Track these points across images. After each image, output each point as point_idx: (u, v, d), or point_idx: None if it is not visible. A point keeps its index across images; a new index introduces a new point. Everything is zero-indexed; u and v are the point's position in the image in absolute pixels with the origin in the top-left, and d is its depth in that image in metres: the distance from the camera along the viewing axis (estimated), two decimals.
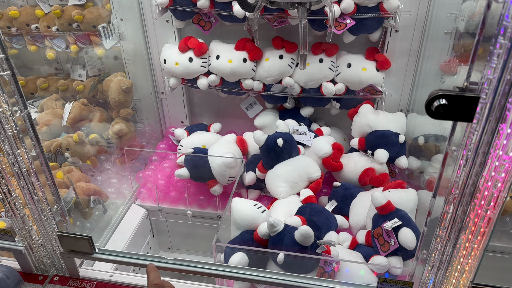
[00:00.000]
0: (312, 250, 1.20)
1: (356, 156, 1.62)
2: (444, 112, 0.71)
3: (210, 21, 1.65)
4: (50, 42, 1.87)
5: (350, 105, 1.69)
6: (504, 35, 0.64)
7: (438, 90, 0.70)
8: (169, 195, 1.77)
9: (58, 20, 1.79)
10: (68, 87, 1.99)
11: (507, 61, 0.65)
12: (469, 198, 0.83)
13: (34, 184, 1.12)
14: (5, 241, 1.23)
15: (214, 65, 1.68)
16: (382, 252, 1.25)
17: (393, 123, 1.60)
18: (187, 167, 1.62)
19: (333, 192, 1.55)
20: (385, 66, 1.61)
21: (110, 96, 1.82)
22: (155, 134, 2.06)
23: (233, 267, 1.18)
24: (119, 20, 1.77)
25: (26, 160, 1.08)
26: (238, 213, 1.30)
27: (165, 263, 1.18)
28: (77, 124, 1.89)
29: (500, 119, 0.72)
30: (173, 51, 1.70)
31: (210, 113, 2.02)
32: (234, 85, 1.73)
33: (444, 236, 0.91)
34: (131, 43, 1.82)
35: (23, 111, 1.03)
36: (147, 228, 1.86)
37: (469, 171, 0.80)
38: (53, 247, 1.24)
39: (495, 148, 0.75)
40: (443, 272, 0.97)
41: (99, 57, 1.91)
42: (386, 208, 1.27)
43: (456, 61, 1.46)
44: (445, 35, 1.52)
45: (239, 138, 1.70)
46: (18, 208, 1.15)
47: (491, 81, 0.68)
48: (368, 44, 1.65)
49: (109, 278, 1.27)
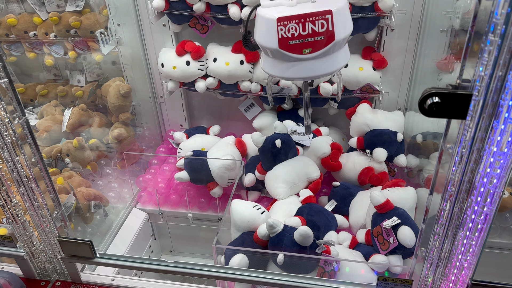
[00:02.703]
0: (312, 250, 1.20)
1: (355, 155, 1.62)
2: (437, 110, 0.71)
3: (207, 24, 1.65)
4: (49, 49, 1.88)
5: (348, 105, 1.70)
6: (494, 32, 0.64)
7: (431, 88, 0.71)
8: (169, 198, 1.78)
9: (56, 27, 1.80)
10: (67, 93, 2.00)
11: (498, 57, 0.66)
12: (466, 195, 0.84)
13: (34, 191, 1.13)
14: (6, 247, 1.24)
15: (212, 68, 1.68)
16: (382, 250, 1.26)
17: (391, 121, 1.60)
18: (187, 170, 1.63)
19: (332, 192, 1.55)
20: (382, 65, 1.61)
21: (109, 101, 1.82)
22: (155, 138, 2.07)
23: (234, 268, 1.18)
24: (116, 25, 1.78)
25: (25, 166, 1.09)
26: (237, 214, 1.30)
27: (165, 266, 1.18)
28: (77, 130, 1.90)
29: (493, 115, 0.72)
30: (170, 55, 1.70)
31: (209, 116, 2.03)
32: (232, 88, 1.73)
33: (442, 233, 0.92)
34: (128, 48, 1.83)
35: (21, 118, 1.04)
36: (149, 232, 1.86)
37: (464, 168, 0.81)
38: (54, 253, 1.24)
39: (489, 144, 0.76)
40: (442, 270, 0.97)
41: (97, 62, 1.92)
42: (385, 206, 1.27)
43: (452, 59, 1.46)
44: (441, 33, 1.52)
45: (238, 140, 1.70)
46: (18, 214, 1.15)
47: (483, 78, 0.69)
48: (364, 44, 1.66)
49: (110, 282, 1.27)
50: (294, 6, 1.12)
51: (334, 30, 1.09)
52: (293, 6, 1.12)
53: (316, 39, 1.10)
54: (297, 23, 1.08)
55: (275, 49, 1.11)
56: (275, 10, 1.11)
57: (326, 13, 1.07)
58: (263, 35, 1.14)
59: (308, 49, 1.11)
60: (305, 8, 1.09)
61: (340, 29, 1.10)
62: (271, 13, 1.09)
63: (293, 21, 1.08)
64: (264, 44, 1.15)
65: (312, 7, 1.10)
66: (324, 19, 1.08)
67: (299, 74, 1.16)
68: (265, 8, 1.14)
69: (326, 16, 1.08)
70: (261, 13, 1.13)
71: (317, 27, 1.08)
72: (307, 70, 1.15)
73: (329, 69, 1.18)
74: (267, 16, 1.10)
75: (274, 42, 1.10)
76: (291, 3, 1.13)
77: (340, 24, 1.10)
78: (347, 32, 1.13)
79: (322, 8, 1.08)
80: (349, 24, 1.15)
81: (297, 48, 1.11)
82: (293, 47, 1.11)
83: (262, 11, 1.13)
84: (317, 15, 1.07)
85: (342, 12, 1.11)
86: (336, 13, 1.08)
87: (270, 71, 1.21)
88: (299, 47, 1.11)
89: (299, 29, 1.08)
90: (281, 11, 1.10)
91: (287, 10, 1.09)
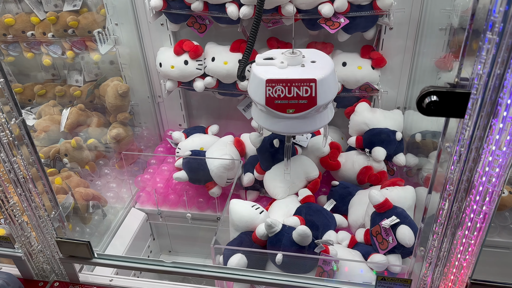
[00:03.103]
0: (311, 250, 1.20)
1: (353, 154, 1.62)
2: (435, 108, 0.71)
3: (205, 24, 1.65)
4: (46, 49, 1.87)
5: (347, 104, 1.69)
6: (492, 30, 0.64)
7: (429, 87, 0.70)
8: (168, 198, 1.78)
9: (54, 27, 1.79)
10: (65, 93, 2.00)
11: (496, 56, 0.65)
12: (464, 194, 0.83)
13: (31, 191, 1.12)
14: (4, 248, 1.24)
15: (210, 67, 1.68)
16: (381, 250, 1.25)
17: (390, 120, 1.60)
18: (185, 170, 1.63)
19: (331, 191, 1.55)
20: (380, 64, 1.61)
21: (107, 101, 1.82)
22: (153, 137, 2.06)
23: (232, 268, 1.18)
24: (114, 25, 1.78)
25: (22, 167, 1.08)
26: (236, 214, 1.30)
27: (164, 267, 1.18)
28: (75, 130, 1.89)
29: (492, 114, 0.71)
30: (168, 55, 1.70)
31: (208, 115, 2.02)
32: (231, 87, 1.73)
33: (441, 232, 0.91)
34: (126, 48, 1.82)
35: (18, 118, 1.03)
36: (147, 232, 1.86)
37: (463, 167, 0.80)
38: (52, 253, 1.24)
39: (488, 143, 0.75)
40: (441, 269, 0.97)
41: (95, 62, 1.92)
42: (384, 206, 1.27)
43: (451, 57, 1.46)
44: (440, 31, 1.52)
45: (236, 139, 1.70)
46: (16, 215, 1.15)
47: (481, 76, 0.68)
48: (363, 42, 1.65)
49: (109, 282, 1.27)
50: (285, 68, 1.21)
51: (317, 97, 1.17)
52: (283, 68, 1.21)
53: (299, 102, 1.19)
54: (283, 86, 1.17)
55: (262, 105, 1.20)
56: (266, 70, 1.20)
57: (310, 81, 1.16)
58: (253, 90, 1.23)
59: (292, 110, 1.20)
60: (293, 72, 1.18)
61: (322, 95, 1.18)
62: (263, 73, 1.18)
63: (280, 84, 1.17)
64: (253, 98, 1.24)
65: (300, 72, 1.18)
66: (308, 85, 1.16)
67: (283, 129, 1.27)
68: (259, 66, 1.23)
69: (310, 84, 1.16)
70: (255, 71, 1.21)
71: (301, 91, 1.17)
72: (291, 127, 1.24)
73: (312, 128, 1.30)
74: (259, 75, 1.19)
75: (262, 99, 1.19)
76: (282, 66, 1.21)
77: (323, 91, 1.18)
78: (330, 98, 1.22)
79: (308, 75, 1.16)
80: (333, 89, 1.23)
81: (282, 107, 1.20)
82: (278, 106, 1.20)
83: (255, 69, 1.22)
84: (302, 82, 1.16)
85: (326, 80, 1.18)
86: (320, 82, 1.17)
87: (258, 121, 1.31)
88: (284, 107, 1.20)
89: (285, 91, 1.17)
90: (272, 72, 1.19)
91: (277, 72, 1.18)
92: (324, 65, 1.23)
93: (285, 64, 1.21)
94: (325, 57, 1.29)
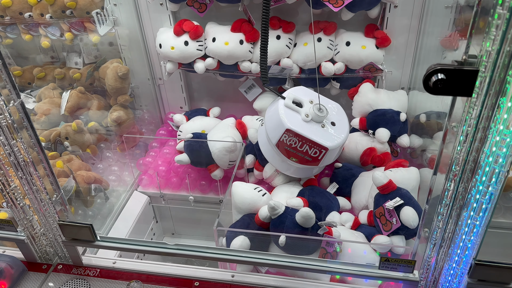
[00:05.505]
0: (314, 232, 1.19)
1: (357, 136, 1.60)
2: (442, 87, 0.69)
3: (205, 3, 1.61)
4: (44, 30, 1.84)
5: (350, 85, 1.67)
6: (502, 5, 0.61)
7: (436, 65, 0.68)
8: (170, 181, 1.77)
9: (51, 8, 1.76)
10: (65, 75, 1.98)
11: (506, 32, 0.63)
12: (470, 174, 0.82)
13: (32, 174, 1.12)
14: (7, 231, 1.24)
15: (211, 48, 1.65)
16: (385, 231, 1.25)
17: (394, 101, 1.57)
18: (187, 153, 1.62)
19: (334, 173, 1.54)
20: (385, 43, 1.57)
21: (107, 83, 1.80)
22: (155, 120, 2.05)
23: (235, 250, 1.18)
24: (113, 5, 1.74)
25: (23, 150, 1.07)
26: (238, 197, 1.29)
27: (167, 249, 1.18)
28: (76, 113, 1.88)
29: (500, 92, 0.70)
30: (168, 35, 1.67)
31: (209, 98, 2.00)
32: (232, 68, 1.70)
33: (446, 213, 0.90)
34: (125, 29, 1.79)
35: (16, 101, 1.02)
36: (150, 215, 1.86)
37: (469, 147, 0.79)
38: (55, 236, 1.24)
39: (495, 122, 0.73)
40: (446, 250, 0.97)
41: (94, 44, 1.89)
42: (388, 187, 1.26)
43: (457, 36, 1.43)
44: (446, 9, 1.48)
45: (238, 121, 1.68)
46: (17, 198, 1.15)
47: (490, 53, 0.66)
48: (367, 21, 1.62)
49: (112, 265, 1.27)
50: (307, 122, 1.30)
51: (321, 160, 1.30)
52: (306, 122, 1.30)
53: (305, 157, 1.30)
54: (299, 140, 1.27)
55: (273, 144, 1.31)
56: (291, 117, 1.29)
57: (323, 148, 1.27)
58: (270, 125, 1.33)
59: (295, 160, 1.31)
60: (313, 131, 1.28)
61: (326, 160, 1.31)
62: (286, 119, 1.27)
63: (297, 137, 1.27)
64: (267, 131, 1.34)
65: (318, 134, 1.28)
66: (319, 150, 1.27)
67: (283, 169, 1.40)
68: (286, 107, 1.31)
69: (321, 150, 1.27)
70: (280, 111, 1.29)
71: (311, 151, 1.28)
72: (290, 170, 1.40)
73: (309, 175, 1.45)
74: (282, 119, 1.28)
75: (275, 139, 1.30)
76: (306, 119, 1.30)
77: (328, 157, 1.30)
78: (330, 161, 1.35)
79: (324, 141, 1.27)
80: (336, 155, 1.35)
81: (288, 154, 1.31)
82: (286, 152, 1.31)
83: (281, 110, 1.30)
84: (316, 145, 1.27)
85: (335, 150, 1.30)
86: (330, 151, 1.28)
87: (262, 146, 1.42)
88: (290, 154, 1.30)
89: (297, 144, 1.28)
90: (295, 122, 1.28)
91: (299, 124, 1.28)
92: (341, 132, 1.32)
93: (308, 118, 1.29)
94: (344, 119, 1.39)
